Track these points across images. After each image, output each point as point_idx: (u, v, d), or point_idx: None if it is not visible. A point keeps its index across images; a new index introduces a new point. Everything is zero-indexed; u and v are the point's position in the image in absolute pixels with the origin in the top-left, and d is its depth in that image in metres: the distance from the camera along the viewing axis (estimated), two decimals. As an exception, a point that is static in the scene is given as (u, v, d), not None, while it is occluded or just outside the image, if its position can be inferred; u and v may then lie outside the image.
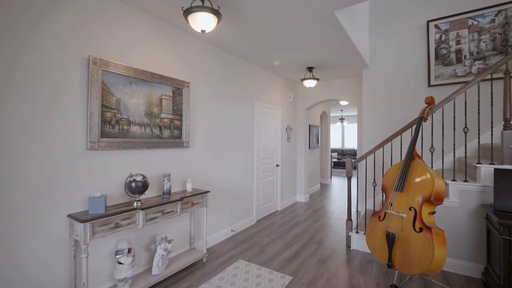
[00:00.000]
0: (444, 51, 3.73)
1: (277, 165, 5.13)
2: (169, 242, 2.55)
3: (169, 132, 2.79)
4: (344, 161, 11.02)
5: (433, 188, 2.20)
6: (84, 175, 2.11)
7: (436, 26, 3.78)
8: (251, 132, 4.29)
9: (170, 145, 2.78)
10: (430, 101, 2.64)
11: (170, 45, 2.83)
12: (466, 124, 2.70)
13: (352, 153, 12.36)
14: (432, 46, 3.80)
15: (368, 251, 3.20)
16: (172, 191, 2.82)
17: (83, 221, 1.82)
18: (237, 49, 3.58)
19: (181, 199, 2.54)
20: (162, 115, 2.72)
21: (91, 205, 1.96)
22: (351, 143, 13.24)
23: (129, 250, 2.20)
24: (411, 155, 2.44)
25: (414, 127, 3.03)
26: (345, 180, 8.96)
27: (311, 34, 3.02)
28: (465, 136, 2.66)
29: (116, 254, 2.15)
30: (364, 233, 3.22)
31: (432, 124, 2.94)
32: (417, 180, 2.32)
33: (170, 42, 2.84)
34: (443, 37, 3.74)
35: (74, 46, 2.04)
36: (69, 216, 1.96)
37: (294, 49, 3.51)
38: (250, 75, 4.26)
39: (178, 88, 2.88)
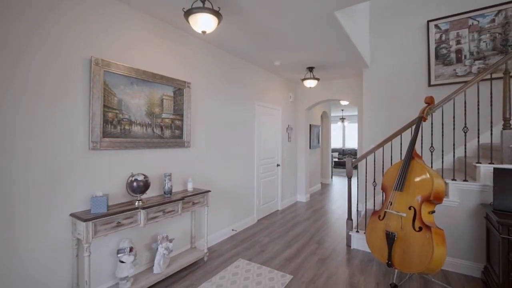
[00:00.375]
0: (444, 51, 3.74)
1: (278, 165, 5.15)
2: (170, 241, 2.57)
3: (170, 132, 2.81)
4: (345, 161, 11.03)
5: (432, 187, 2.21)
6: (86, 174, 2.13)
7: (436, 26, 3.79)
8: (251, 132, 4.31)
9: (171, 145, 2.80)
10: (429, 101, 2.65)
11: (170, 45, 2.85)
12: (465, 123, 2.71)
13: (353, 153, 12.37)
14: (432, 46, 3.81)
15: (368, 250, 3.22)
16: (173, 191, 2.84)
17: (85, 220, 1.84)
18: (237, 49, 3.60)
19: (182, 198, 2.56)
20: (163, 115, 2.74)
21: (93, 204, 1.98)
22: (352, 143, 13.24)
23: (131, 249, 2.22)
24: (411, 154, 2.45)
25: (413, 127, 3.05)
26: (346, 180, 8.97)
27: (311, 34, 3.03)
28: (465, 135, 2.67)
29: (118, 253, 2.18)
30: (364, 233, 3.24)
31: (432, 123, 2.95)
32: (417, 179, 2.33)
33: (171, 42, 2.86)
34: (443, 37, 3.74)
35: (76, 46, 2.06)
36: (72, 215, 1.98)
37: (294, 49, 3.53)
38: (251, 75, 4.27)
39: (179, 88, 2.90)
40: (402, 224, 2.32)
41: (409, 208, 2.32)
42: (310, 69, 4.46)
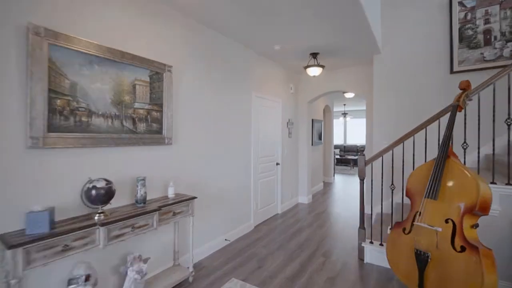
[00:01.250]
0: (470, 32, 3.23)
1: (277, 164, 4.63)
2: (145, 261, 2.05)
3: (146, 125, 2.29)
4: (347, 158, 10.51)
5: (478, 194, 1.71)
6: (24, 182, 1.60)
7: (460, 3, 3.27)
8: (248, 126, 3.78)
9: (147, 142, 2.28)
10: (465, 86, 2.13)
11: (146, 18, 2.31)
12: (510, 114, 2.19)
13: (355, 150, 11.87)
14: (456, 27, 3.30)
15: (386, 265, 2.72)
16: (149, 198, 2.31)
17: (11, 247, 1.32)
18: (231, 29, 3.06)
19: (159, 208, 2.04)
20: (136, 105, 2.21)
21: (29, 223, 1.46)
22: (354, 139, 12.74)
23: (87, 278, 1.71)
24: (446, 152, 1.94)
25: (443, 118, 2.54)
26: (349, 178, 8.48)
27: (318, 7, 2.50)
28: (508, 128, 2.16)
29: (68, 284, 1.66)
30: (380, 244, 2.75)
31: (465, 115, 2.43)
32: (456, 184, 1.82)
33: (147, 14, 2.31)
34: (469, 16, 3.23)
35: (3, 9, 1.52)
36: None
37: (297, 28, 2.99)
38: (247, 61, 3.73)
39: (156, 72, 2.37)
40: (438, 241, 1.82)
41: (446, 221, 1.82)
42: (314, 55, 3.92)
